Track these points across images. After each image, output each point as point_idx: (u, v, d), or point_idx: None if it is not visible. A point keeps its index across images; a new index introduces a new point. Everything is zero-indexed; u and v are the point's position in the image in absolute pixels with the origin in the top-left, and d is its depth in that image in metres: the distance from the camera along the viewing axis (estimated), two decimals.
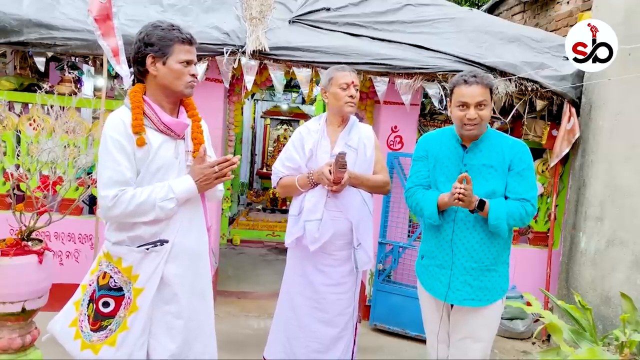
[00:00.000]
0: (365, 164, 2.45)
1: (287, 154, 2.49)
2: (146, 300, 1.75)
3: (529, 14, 5.84)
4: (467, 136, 2.11)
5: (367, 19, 3.93)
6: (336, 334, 2.45)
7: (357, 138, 2.46)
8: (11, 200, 2.67)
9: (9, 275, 2.33)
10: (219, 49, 3.45)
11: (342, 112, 2.43)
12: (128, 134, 1.73)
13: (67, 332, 1.80)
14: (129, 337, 1.73)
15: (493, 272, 2.11)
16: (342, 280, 2.45)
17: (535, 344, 3.85)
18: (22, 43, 3.31)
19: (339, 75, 2.41)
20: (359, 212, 2.43)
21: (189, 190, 1.79)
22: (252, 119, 8.40)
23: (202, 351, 1.88)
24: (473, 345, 2.11)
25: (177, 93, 1.82)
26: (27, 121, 3.57)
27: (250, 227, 6.51)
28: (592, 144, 3.62)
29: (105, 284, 1.78)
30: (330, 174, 2.24)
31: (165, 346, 1.79)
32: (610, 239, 3.37)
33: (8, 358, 2.39)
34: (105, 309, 1.76)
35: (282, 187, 2.50)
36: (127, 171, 1.72)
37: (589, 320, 1.95)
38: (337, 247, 2.42)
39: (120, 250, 1.78)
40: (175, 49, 1.77)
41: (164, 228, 1.79)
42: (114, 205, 1.70)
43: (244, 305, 4.06)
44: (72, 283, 3.45)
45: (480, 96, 2.03)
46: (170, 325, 1.81)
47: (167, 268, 1.79)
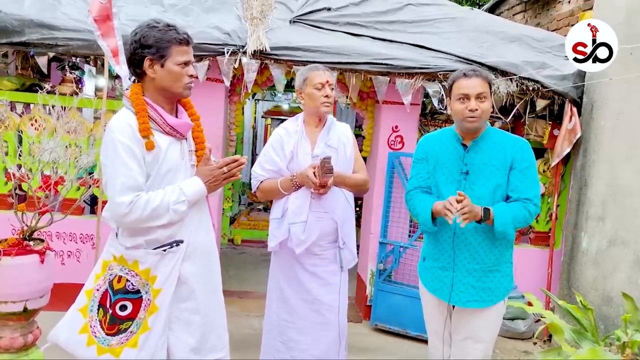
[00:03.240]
0: (346, 163, 2.44)
1: (266, 156, 2.45)
2: (165, 300, 1.77)
3: (530, 14, 5.83)
4: (468, 130, 2.08)
5: (367, 18, 3.93)
6: (335, 337, 2.44)
7: (336, 137, 2.44)
8: (13, 200, 2.67)
9: (10, 274, 2.34)
10: (219, 49, 3.45)
11: (318, 112, 2.39)
12: (137, 138, 1.71)
13: (77, 339, 1.78)
14: (150, 337, 1.75)
15: (496, 273, 2.10)
16: (332, 280, 2.45)
17: (537, 344, 3.84)
18: (24, 43, 3.32)
19: (313, 75, 2.36)
20: (343, 212, 2.42)
21: (199, 191, 1.80)
22: (253, 118, 8.41)
23: (217, 342, 1.92)
24: (474, 346, 2.11)
25: (176, 95, 1.82)
26: (29, 121, 3.58)
27: (251, 227, 6.51)
28: (593, 143, 3.62)
29: (121, 287, 1.78)
30: (315, 177, 2.22)
31: (185, 341, 1.82)
32: (612, 238, 3.37)
33: (10, 357, 2.40)
34: (123, 312, 1.77)
35: (263, 191, 2.44)
36: (139, 176, 1.71)
37: (590, 320, 1.94)
38: (322, 247, 2.42)
39: (136, 254, 1.78)
40: (173, 50, 1.75)
41: (179, 229, 1.80)
42: (130, 212, 1.68)
43: (245, 305, 4.06)
44: (73, 283, 3.45)
45: (480, 87, 2.02)
46: (189, 322, 1.83)
47: (183, 267, 1.81)
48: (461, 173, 2.11)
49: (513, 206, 2.05)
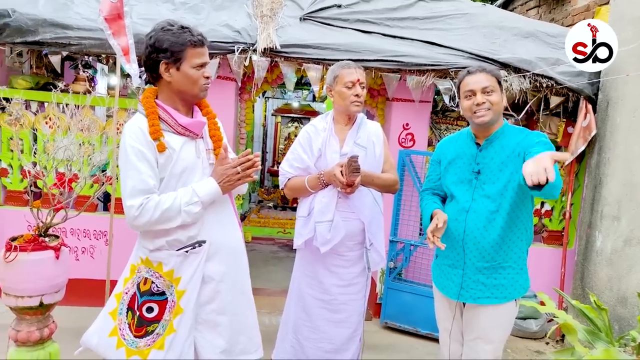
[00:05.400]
0: (375, 163, 2.40)
1: (294, 154, 2.43)
2: (190, 301, 1.77)
3: (544, 9, 5.75)
4: (479, 125, 2.05)
5: (378, 15, 3.90)
6: (349, 334, 2.43)
7: (365, 136, 2.40)
8: (29, 197, 2.71)
9: (27, 270, 2.37)
10: (230, 47, 3.46)
11: (348, 111, 2.36)
12: (148, 142, 1.72)
13: (107, 342, 1.80)
14: (176, 339, 1.75)
15: (509, 269, 2.07)
16: (354, 281, 2.42)
17: (549, 344, 3.80)
18: (38, 42, 3.36)
19: (345, 73, 2.33)
20: (370, 212, 2.38)
21: (212, 192, 1.78)
22: (263, 116, 8.43)
23: (248, 344, 1.91)
24: (484, 346, 2.09)
25: (193, 97, 1.82)
26: (44, 119, 3.63)
27: (261, 225, 6.53)
28: (608, 141, 3.56)
29: (147, 289, 1.79)
30: (342, 176, 2.19)
31: (213, 343, 1.82)
32: (628, 238, 3.31)
33: (27, 350, 2.44)
34: (150, 314, 1.78)
35: (291, 188, 2.42)
36: (150, 179, 1.71)
37: (604, 321, 1.92)
38: (348, 247, 2.38)
39: (160, 256, 1.79)
40: (188, 53, 1.73)
41: (200, 229, 1.79)
42: (140, 215, 1.69)
43: (256, 302, 4.05)
44: (87, 278, 3.51)
45: (485, 81, 2.01)
46: (216, 323, 1.83)
47: (207, 267, 1.81)
48: (472, 172, 2.09)
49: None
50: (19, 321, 2.46)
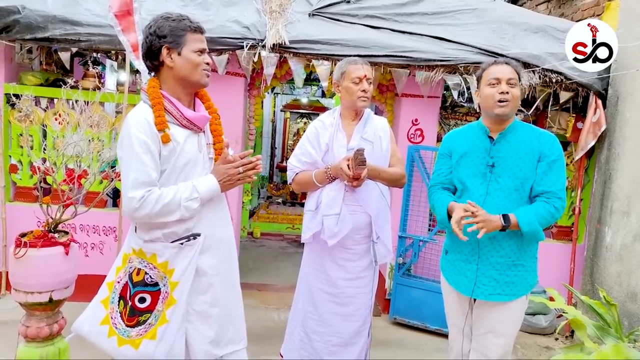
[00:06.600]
0: (382, 157, 2.42)
1: (302, 149, 2.46)
2: (183, 292, 1.79)
3: (554, 4, 5.69)
4: (498, 116, 2.05)
5: (387, 11, 3.89)
6: (357, 328, 2.45)
7: (372, 131, 2.42)
8: (38, 193, 2.73)
9: (36, 266, 2.39)
10: (239, 42, 3.46)
11: (355, 106, 2.39)
12: (153, 133, 1.72)
13: (99, 330, 1.81)
14: (168, 329, 1.77)
15: (520, 267, 2.07)
16: (361, 274, 2.44)
17: (558, 340, 3.79)
18: (48, 39, 3.38)
19: (352, 68, 2.35)
20: (377, 205, 2.40)
21: (212, 190, 1.80)
22: (272, 112, 8.42)
23: (235, 334, 1.95)
24: (495, 340, 2.09)
25: (195, 83, 1.82)
26: (53, 116, 3.65)
27: (270, 220, 6.55)
28: (618, 136, 3.53)
29: (140, 280, 1.80)
30: (349, 169, 2.22)
31: (204, 333, 1.84)
32: (637, 233, 3.29)
33: (36, 346, 2.46)
34: (142, 304, 1.79)
35: (299, 183, 2.46)
36: (153, 171, 1.72)
37: (614, 316, 1.91)
38: (355, 241, 2.40)
39: (154, 247, 1.80)
40: (189, 38, 1.77)
41: (196, 222, 1.81)
42: (140, 207, 1.70)
43: (264, 298, 4.10)
44: (97, 274, 3.53)
45: (510, 74, 2.04)
46: (207, 314, 1.85)
47: (200, 260, 1.82)
48: (487, 166, 2.08)
49: (534, 205, 2.02)
50: (28, 317, 2.48)
